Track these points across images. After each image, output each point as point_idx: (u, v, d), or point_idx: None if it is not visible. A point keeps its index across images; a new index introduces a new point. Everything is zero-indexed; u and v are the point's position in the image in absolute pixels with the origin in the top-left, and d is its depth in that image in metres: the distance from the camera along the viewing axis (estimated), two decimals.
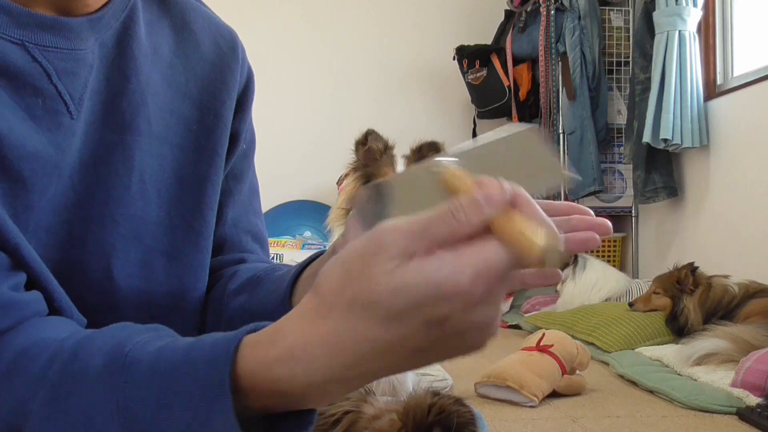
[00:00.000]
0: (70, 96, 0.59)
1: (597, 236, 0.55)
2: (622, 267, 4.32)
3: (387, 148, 1.99)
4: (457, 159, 0.46)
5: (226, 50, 0.74)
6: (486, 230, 0.39)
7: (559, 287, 3.67)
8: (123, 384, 0.45)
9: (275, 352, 0.41)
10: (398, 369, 0.42)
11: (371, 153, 1.96)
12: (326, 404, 0.45)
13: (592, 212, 0.58)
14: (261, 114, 0.82)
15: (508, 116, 4.70)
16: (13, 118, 0.55)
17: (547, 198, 0.60)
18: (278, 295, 0.65)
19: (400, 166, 1.97)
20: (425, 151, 2.02)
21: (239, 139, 0.75)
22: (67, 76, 0.59)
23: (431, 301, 0.38)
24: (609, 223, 0.57)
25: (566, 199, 4.20)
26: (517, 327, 3.62)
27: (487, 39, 4.81)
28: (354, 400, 0.61)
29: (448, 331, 0.39)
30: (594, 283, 3.58)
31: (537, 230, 0.38)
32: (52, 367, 0.47)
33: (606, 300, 3.53)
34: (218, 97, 0.71)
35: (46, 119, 0.57)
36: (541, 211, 0.41)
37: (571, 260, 3.65)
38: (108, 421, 0.44)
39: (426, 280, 0.38)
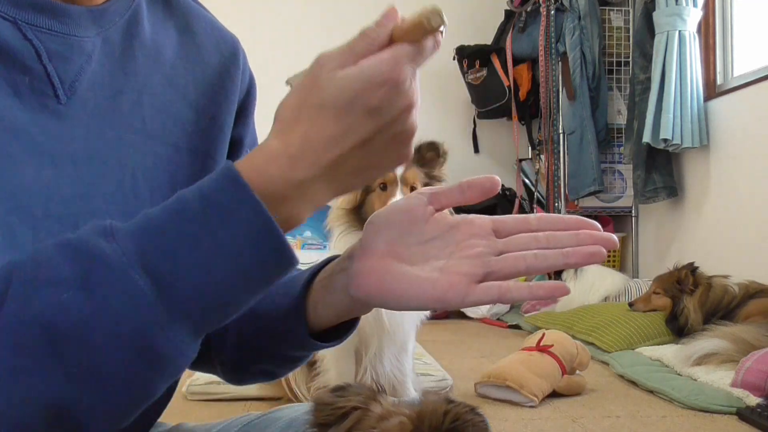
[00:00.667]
0: (60, 79, 0.59)
1: (603, 250, 0.57)
2: (622, 267, 4.32)
3: None
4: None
5: (227, 56, 0.74)
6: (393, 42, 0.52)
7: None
8: (115, 237, 0.48)
9: (274, 167, 0.50)
10: (360, 163, 0.52)
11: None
12: (323, 203, 0.53)
13: (599, 226, 0.59)
14: (261, 115, 0.82)
15: (508, 116, 4.70)
16: None
17: (548, 206, 0.62)
18: (291, 299, 0.65)
19: (398, 168, 1.97)
20: (424, 151, 2.03)
21: (242, 146, 0.76)
22: (59, 59, 0.59)
23: (367, 91, 0.49)
24: (615, 238, 0.59)
25: (566, 199, 4.20)
26: (517, 327, 3.62)
27: (487, 39, 4.81)
28: (363, 397, 0.61)
29: (386, 118, 0.51)
30: (592, 283, 3.58)
31: (427, 11, 0.51)
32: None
33: (604, 299, 3.53)
34: (216, 101, 0.72)
35: (31, 99, 0.57)
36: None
37: None
38: (113, 271, 0.47)
39: (359, 74, 0.49)
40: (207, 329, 0.51)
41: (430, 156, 2.03)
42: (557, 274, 3.72)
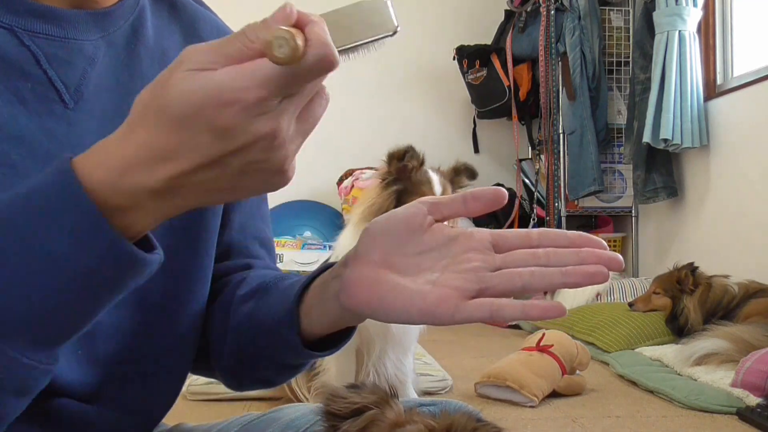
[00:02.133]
0: (64, 84, 0.59)
1: (605, 270, 0.53)
2: None
3: (421, 165, 2.01)
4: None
5: None
6: None
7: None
8: None
9: (102, 170, 0.44)
10: (213, 185, 0.45)
11: (406, 170, 1.99)
12: (175, 214, 0.48)
13: (605, 244, 0.56)
14: None
15: (508, 116, 4.70)
16: None
17: (546, 199, 0.59)
18: (285, 306, 0.64)
19: (436, 184, 1.98)
20: (461, 170, 2.05)
21: None
22: (60, 64, 0.59)
23: (213, 106, 0.42)
24: (620, 258, 0.55)
25: (566, 199, 4.20)
26: (517, 327, 3.62)
27: (487, 39, 4.81)
28: (377, 398, 0.60)
29: (235, 144, 0.43)
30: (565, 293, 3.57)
31: (278, 31, 0.42)
32: None
33: (596, 296, 3.52)
34: None
35: (36, 104, 0.57)
36: (320, 31, 0.43)
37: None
38: None
39: (207, 84, 0.42)
40: (57, 341, 0.47)
41: (464, 175, 2.06)
42: None
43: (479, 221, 3.83)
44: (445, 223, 0.59)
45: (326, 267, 0.64)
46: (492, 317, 0.53)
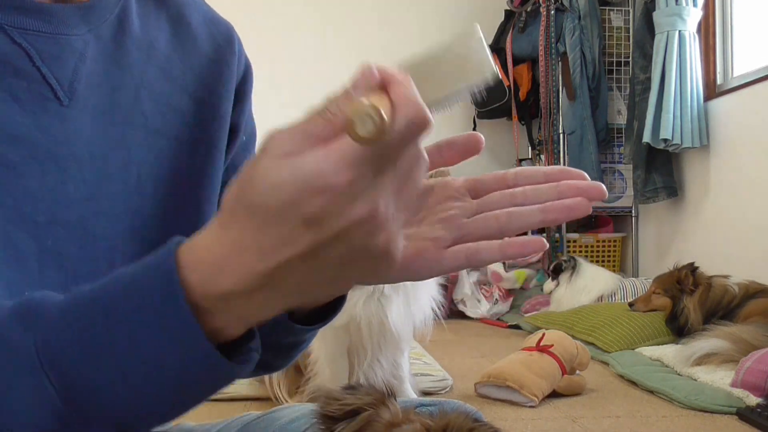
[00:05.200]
0: (57, 81, 0.58)
1: (586, 202, 0.50)
2: (622, 267, 4.32)
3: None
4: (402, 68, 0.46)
5: (223, 43, 0.73)
6: None
7: (549, 291, 3.69)
8: (36, 326, 0.42)
9: (196, 275, 0.42)
10: (311, 278, 0.42)
11: None
12: (268, 316, 0.45)
13: (585, 175, 0.52)
14: (260, 112, 0.81)
15: (508, 116, 4.70)
16: None
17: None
18: None
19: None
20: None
21: (238, 131, 0.75)
22: (52, 60, 0.58)
23: (304, 197, 0.38)
24: (602, 187, 0.51)
25: None
26: (517, 327, 3.62)
27: (487, 39, 4.80)
28: (373, 398, 0.60)
29: (331, 231, 0.39)
30: (583, 287, 3.58)
31: (358, 105, 0.37)
32: None
33: (598, 299, 3.53)
34: (215, 91, 0.71)
35: (31, 102, 0.56)
36: (405, 89, 0.40)
37: (567, 264, 3.66)
38: (25, 373, 0.41)
39: (294, 174, 0.38)
40: (139, 430, 0.46)
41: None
42: (554, 273, 3.71)
43: None
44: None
45: None
46: (469, 262, 0.51)
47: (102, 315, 0.42)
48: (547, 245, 0.53)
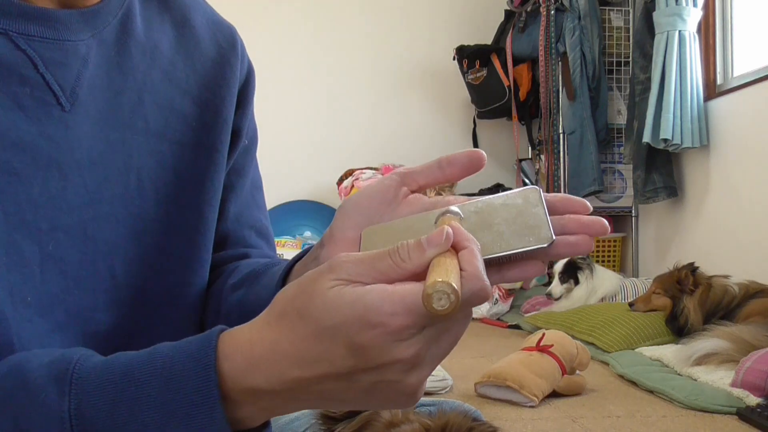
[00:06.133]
0: (60, 87, 0.58)
1: (589, 239, 0.52)
2: (622, 267, 4.32)
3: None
4: (460, 212, 0.50)
5: (226, 46, 0.73)
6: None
7: (558, 295, 3.67)
8: (71, 392, 0.43)
9: (228, 363, 0.43)
10: (336, 396, 0.44)
11: None
12: (288, 413, 0.47)
13: (589, 205, 0.54)
14: (260, 114, 0.81)
15: (508, 116, 4.70)
16: None
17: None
18: (270, 291, 0.64)
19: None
20: None
21: (241, 135, 0.75)
22: (56, 66, 0.58)
23: (355, 325, 0.41)
24: (604, 222, 0.53)
25: None
26: (517, 327, 3.62)
27: (487, 39, 4.81)
28: None
29: (372, 363, 0.42)
30: (593, 286, 3.58)
31: (443, 276, 0.40)
32: None
33: (601, 300, 3.53)
34: (218, 94, 0.71)
35: (35, 109, 0.57)
36: (477, 262, 0.42)
37: (584, 263, 3.63)
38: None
39: (354, 302, 0.41)
40: None
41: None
42: (575, 275, 3.65)
43: None
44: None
45: (309, 250, 0.64)
46: None
47: (135, 395, 0.43)
48: (546, 269, 0.53)
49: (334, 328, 0.41)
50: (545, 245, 0.47)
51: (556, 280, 3.64)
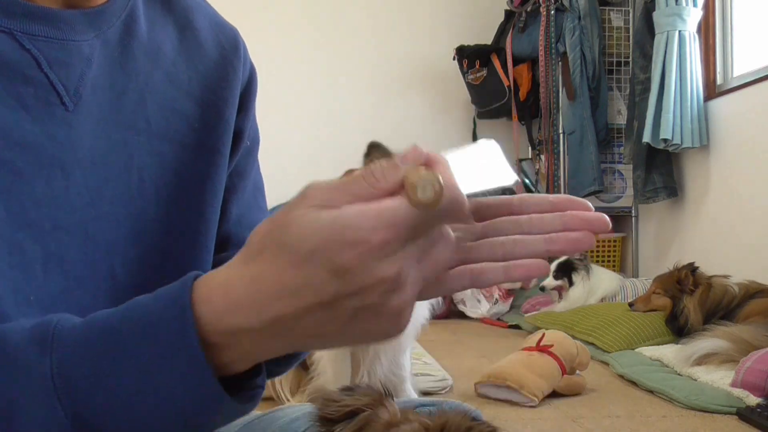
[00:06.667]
0: (64, 87, 0.58)
1: (591, 235, 0.51)
2: (622, 267, 4.32)
3: None
4: None
5: (228, 48, 0.74)
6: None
7: (551, 288, 3.68)
8: (52, 351, 0.43)
9: (206, 307, 0.43)
10: (322, 329, 0.43)
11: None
12: (273, 355, 0.46)
13: (589, 205, 0.53)
14: (261, 114, 0.81)
15: (508, 116, 4.70)
16: (1, 107, 0.55)
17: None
18: None
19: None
20: (372, 152, 2.06)
21: (242, 136, 0.75)
22: (59, 66, 0.58)
23: (335, 246, 0.40)
24: (606, 218, 0.52)
25: None
26: (517, 327, 3.62)
27: (487, 39, 4.81)
28: (371, 399, 0.60)
29: (354, 285, 0.41)
30: (590, 286, 3.58)
31: (423, 173, 0.40)
32: None
33: (601, 300, 3.53)
34: (220, 95, 0.71)
35: (39, 109, 0.57)
36: (451, 174, 0.42)
37: (580, 263, 3.63)
38: (38, 395, 0.43)
39: (331, 223, 0.40)
40: None
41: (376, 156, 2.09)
42: (569, 274, 3.65)
43: None
44: None
45: None
46: (473, 283, 0.51)
47: (115, 346, 0.43)
48: (550, 268, 0.52)
49: (314, 252, 0.40)
50: (510, 184, 0.48)
51: (549, 276, 3.66)
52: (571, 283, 3.61)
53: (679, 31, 3.45)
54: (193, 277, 0.44)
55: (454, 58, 4.76)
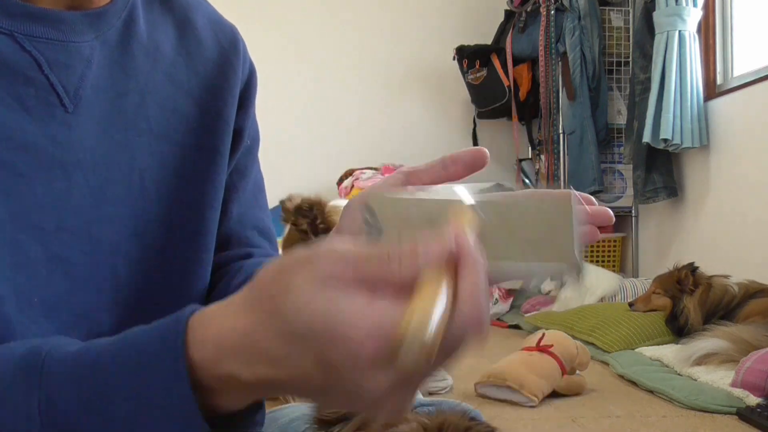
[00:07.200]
0: (64, 88, 0.59)
1: (595, 229, 0.51)
2: (622, 267, 4.32)
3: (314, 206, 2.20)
4: (479, 210, 0.44)
5: (227, 47, 0.74)
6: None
7: (548, 290, 3.68)
8: (40, 387, 0.42)
9: (200, 352, 0.41)
10: (305, 394, 0.42)
11: (301, 212, 2.15)
12: (262, 397, 0.45)
13: (593, 199, 0.53)
14: (261, 113, 0.81)
15: (508, 116, 4.70)
16: (2, 108, 0.55)
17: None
18: None
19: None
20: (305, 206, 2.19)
21: (243, 135, 0.75)
22: (60, 68, 0.58)
23: (325, 339, 0.37)
24: (610, 212, 0.51)
25: None
26: (517, 327, 3.62)
27: (487, 39, 4.81)
28: None
29: (338, 381, 0.38)
30: (589, 286, 3.58)
31: (424, 312, 0.34)
32: None
33: (600, 300, 3.53)
34: (220, 95, 0.71)
35: (39, 110, 0.57)
36: (479, 286, 0.38)
37: None
38: (26, 428, 0.42)
39: (326, 314, 0.37)
40: None
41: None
42: None
43: None
44: None
45: None
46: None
47: (105, 385, 0.42)
48: None
49: (305, 337, 0.38)
50: (572, 271, 0.41)
51: None
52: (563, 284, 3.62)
53: (679, 31, 3.45)
54: (187, 317, 0.43)
55: (454, 58, 4.76)
